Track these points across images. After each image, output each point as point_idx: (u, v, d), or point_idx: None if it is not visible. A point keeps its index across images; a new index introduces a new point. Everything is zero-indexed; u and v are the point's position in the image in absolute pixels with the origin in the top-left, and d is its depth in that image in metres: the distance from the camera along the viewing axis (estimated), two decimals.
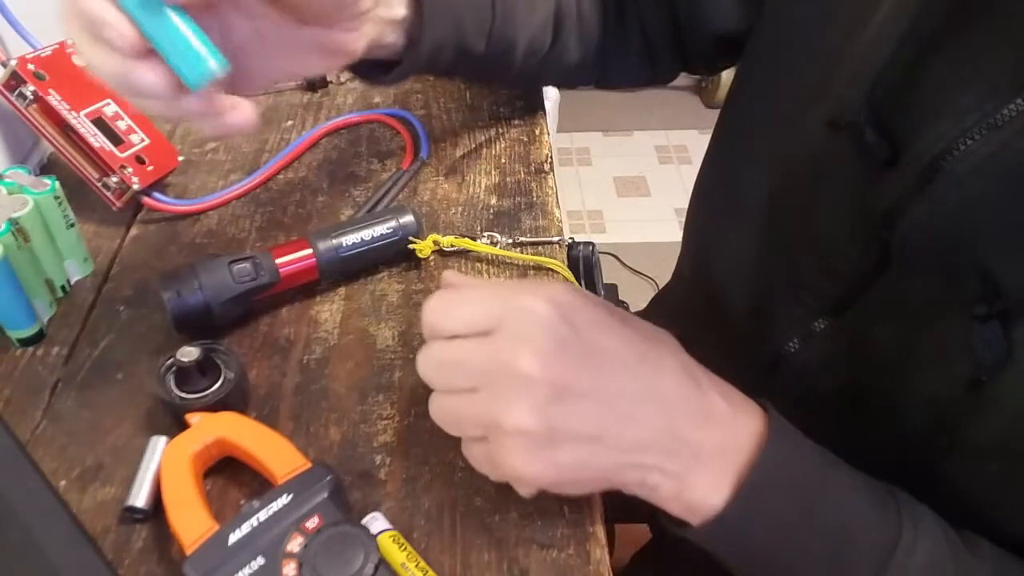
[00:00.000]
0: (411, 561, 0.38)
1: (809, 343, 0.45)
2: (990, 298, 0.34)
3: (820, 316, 0.44)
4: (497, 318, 0.35)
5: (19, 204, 0.47)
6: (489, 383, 0.35)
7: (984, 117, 0.33)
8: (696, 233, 0.62)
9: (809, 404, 0.46)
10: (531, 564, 0.39)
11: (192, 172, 0.62)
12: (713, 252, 0.58)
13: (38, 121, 0.53)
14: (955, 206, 0.35)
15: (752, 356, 0.49)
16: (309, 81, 0.70)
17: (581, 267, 0.57)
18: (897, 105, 0.38)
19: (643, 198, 2.08)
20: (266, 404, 0.46)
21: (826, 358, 0.45)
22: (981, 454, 0.37)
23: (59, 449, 0.44)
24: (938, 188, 0.35)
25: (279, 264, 0.49)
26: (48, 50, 0.55)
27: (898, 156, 0.37)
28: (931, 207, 0.36)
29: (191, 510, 0.38)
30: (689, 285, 0.64)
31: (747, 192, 0.51)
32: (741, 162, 0.53)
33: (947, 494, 0.38)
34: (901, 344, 0.40)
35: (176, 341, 0.45)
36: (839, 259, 0.42)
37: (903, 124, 0.37)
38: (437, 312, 0.37)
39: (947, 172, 0.35)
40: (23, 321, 0.48)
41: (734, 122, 0.56)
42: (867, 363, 0.42)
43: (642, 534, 0.70)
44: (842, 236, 0.42)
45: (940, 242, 0.36)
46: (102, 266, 0.55)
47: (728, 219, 0.54)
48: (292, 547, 0.36)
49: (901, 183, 0.37)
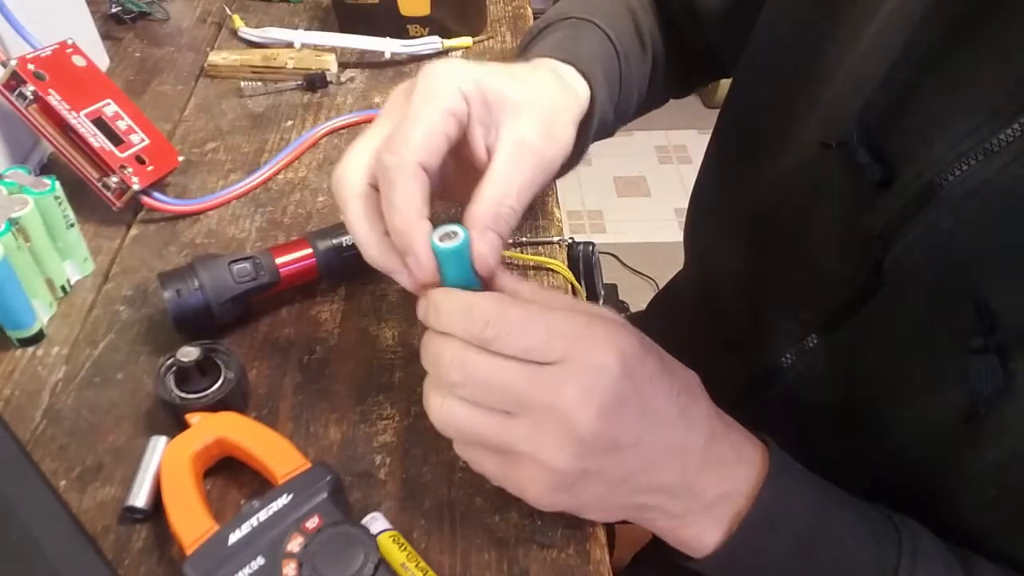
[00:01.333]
0: (411, 561, 0.38)
1: (802, 358, 0.45)
2: (987, 331, 0.34)
3: (812, 332, 0.44)
4: (561, 354, 0.32)
5: (19, 204, 0.47)
6: (534, 416, 0.32)
7: (980, 142, 0.33)
8: (695, 238, 0.62)
9: (804, 418, 0.46)
10: (531, 564, 0.39)
11: (192, 172, 0.62)
12: (711, 259, 0.58)
13: (38, 121, 0.53)
14: (949, 232, 0.35)
15: (749, 365, 0.49)
16: (309, 81, 0.70)
17: (581, 267, 0.57)
18: (890, 126, 0.37)
19: (643, 198, 2.08)
20: (266, 404, 0.46)
21: (819, 374, 0.45)
22: (978, 481, 0.37)
23: (59, 449, 0.44)
24: (932, 213, 0.35)
25: (279, 264, 0.49)
26: (48, 50, 0.55)
27: (892, 178, 0.37)
28: (924, 231, 0.36)
29: (191, 510, 0.38)
30: (692, 287, 0.64)
31: (740, 203, 0.51)
32: (734, 173, 0.53)
33: (944, 515, 0.38)
34: (893, 367, 0.40)
35: (176, 341, 0.45)
36: (831, 276, 0.42)
37: (897, 146, 0.37)
38: (497, 324, 0.32)
39: (941, 197, 0.34)
40: (23, 321, 0.48)
41: (728, 134, 0.56)
42: (859, 383, 0.42)
43: (642, 534, 0.70)
44: (834, 254, 0.42)
45: (934, 267, 0.36)
46: (102, 266, 0.55)
47: (723, 229, 0.54)
48: (292, 547, 0.36)
49: (894, 206, 0.37)
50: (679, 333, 0.60)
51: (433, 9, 0.72)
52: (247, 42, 0.76)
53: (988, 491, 0.36)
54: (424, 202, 0.35)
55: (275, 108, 0.69)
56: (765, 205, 0.48)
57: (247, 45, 0.76)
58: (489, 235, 0.35)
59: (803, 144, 0.44)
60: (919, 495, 0.39)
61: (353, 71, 0.73)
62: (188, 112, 0.68)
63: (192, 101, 0.70)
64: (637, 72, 0.54)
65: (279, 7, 0.81)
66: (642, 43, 0.54)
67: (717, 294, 0.55)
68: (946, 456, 0.37)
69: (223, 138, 0.65)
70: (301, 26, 0.77)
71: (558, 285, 0.54)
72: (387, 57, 0.73)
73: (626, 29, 0.53)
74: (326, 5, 0.80)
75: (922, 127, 0.36)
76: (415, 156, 0.35)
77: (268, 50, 0.73)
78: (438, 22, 0.74)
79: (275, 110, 0.69)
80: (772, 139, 0.47)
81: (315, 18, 0.80)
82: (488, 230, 0.36)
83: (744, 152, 0.51)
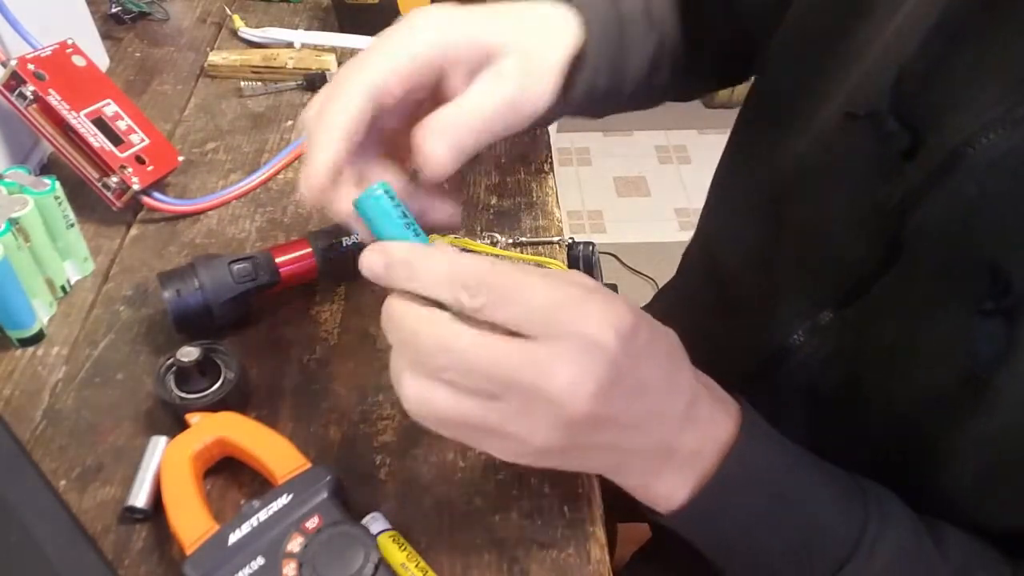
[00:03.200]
0: (411, 561, 0.38)
1: (813, 336, 0.45)
2: (998, 295, 0.34)
3: (825, 308, 0.44)
4: (554, 328, 0.30)
5: (19, 204, 0.47)
6: (522, 399, 0.30)
7: (1007, 112, 0.33)
8: (710, 221, 0.62)
9: (809, 397, 0.46)
10: (531, 564, 0.39)
11: (192, 172, 0.62)
12: (725, 241, 0.57)
13: (38, 121, 0.53)
14: (971, 200, 0.35)
15: (756, 347, 0.49)
16: (309, 81, 0.70)
17: (581, 267, 0.57)
18: (920, 96, 0.38)
19: (643, 198, 2.08)
20: (266, 404, 0.46)
21: (829, 352, 0.45)
22: (975, 449, 0.37)
23: (59, 449, 0.44)
24: (955, 181, 0.35)
25: (279, 264, 0.49)
26: (48, 50, 0.55)
27: (917, 148, 0.37)
28: (946, 200, 0.36)
29: (191, 510, 0.38)
30: (699, 274, 0.64)
31: (759, 182, 0.51)
32: (757, 152, 0.53)
33: (939, 487, 0.38)
34: (903, 339, 0.40)
35: (176, 341, 0.45)
36: (848, 252, 0.42)
37: (924, 116, 0.37)
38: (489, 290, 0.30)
39: (965, 166, 0.35)
40: (23, 321, 0.48)
41: (753, 115, 0.56)
42: (868, 357, 0.42)
43: (643, 533, 0.70)
44: (852, 229, 0.42)
45: (952, 236, 0.36)
46: (102, 266, 0.55)
47: (741, 208, 0.54)
48: (292, 547, 0.36)
49: (917, 175, 0.37)
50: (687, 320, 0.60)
51: None
52: (247, 42, 0.76)
53: (988, 458, 0.37)
54: (354, 118, 0.35)
55: (275, 108, 0.69)
56: (784, 182, 0.48)
57: (247, 45, 0.76)
58: (436, 138, 0.35)
59: (826, 120, 0.44)
60: (917, 465, 0.39)
61: None
62: (188, 112, 0.68)
63: (192, 101, 0.70)
64: (638, 44, 0.53)
65: (279, 7, 0.81)
66: (650, 20, 0.54)
67: (728, 277, 0.55)
68: (949, 424, 0.38)
69: (223, 138, 0.65)
70: (301, 26, 0.77)
71: None
72: None
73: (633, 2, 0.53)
74: (326, 5, 0.80)
75: (950, 97, 0.36)
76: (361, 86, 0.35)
77: (268, 50, 0.73)
78: None
79: (275, 110, 0.69)
80: (798, 118, 0.47)
81: (315, 18, 0.80)
82: (436, 134, 0.35)
83: (768, 132, 0.51)
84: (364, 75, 0.36)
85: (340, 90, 0.36)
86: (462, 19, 0.38)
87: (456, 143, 0.36)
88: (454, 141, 0.36)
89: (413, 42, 0.37)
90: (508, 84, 0.38)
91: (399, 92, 0.37)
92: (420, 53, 0.37)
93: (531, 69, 0.40)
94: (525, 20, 0.42)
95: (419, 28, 0.37)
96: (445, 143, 0.36)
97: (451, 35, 0.37)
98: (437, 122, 0.36)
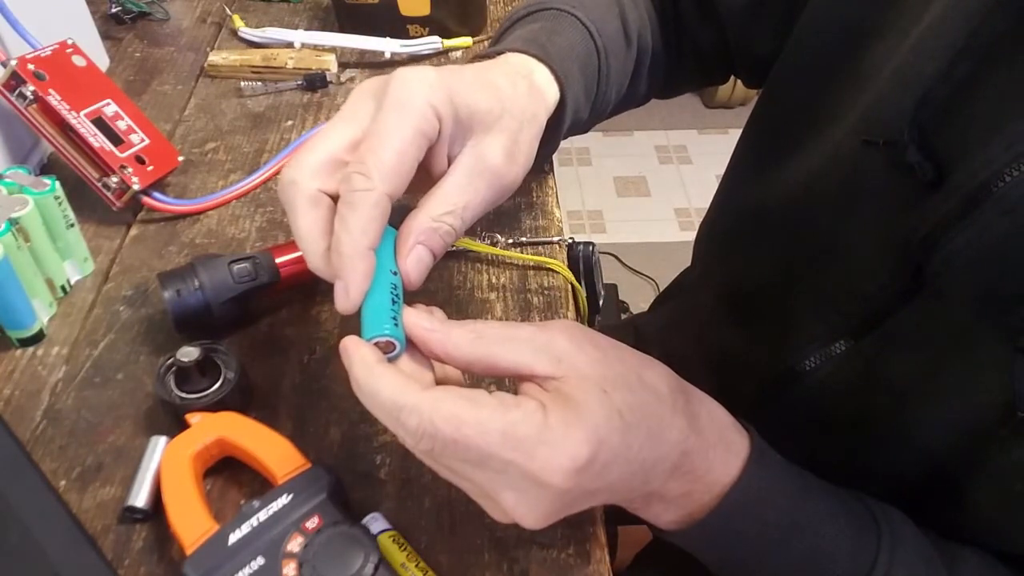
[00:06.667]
0: (411, 561, 0.38)
1: (827, 363, 0.44)
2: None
3: (841, 338, 0.43)
4: (503, 470, 0.30)
5: (19, 204, 0.47)
6: (492, 482, 0.31)
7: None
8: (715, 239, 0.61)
9: (819, 422, 0.45)
10: (531, 564, 0.39)
11: (192, 172, 0.62)
12: (738, 258, 0.56)
13: (38, 121, 0.53)
14: (1002, 235, 0.33)
15: (769, 367, 0.48)
16: (309, 81, 0.70)
17: (581, 267, 0.57)
18: (944, 124, 0.36)
19: (643, 198, 2.08)
20: (266, 404, 0.46)
21: (842, 381, 0.44)
22: (1004, 478, 0.36)
23: (59, 449, 0.44)
24: (984, 216, 0.33)
25: (279, 264, 0.49)
26: (48, 50, 0.55)
27: (942, 179, 0.35)
28: (975, 235, 0.34)
29: (191, 510, 0.38)
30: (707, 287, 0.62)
31: (773, 203, 0.50)
32: (765, 172, 0.51)
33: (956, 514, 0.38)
34: (922, 373, 0.39)
35: (176, 341, 0.45)
36: (867, 281, 0.40)
37: (949, 145, 0.35)
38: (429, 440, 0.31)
39: (995, 199, 0.33)
40: (23, 321, 0.48)
41: (760, 132, 0.55)
42: (885, 388, 0.41)
43: (644, 535, 0.70)
44: (872, 257, 0.40)
45: (982, 271, 0.34)
46: (102, 266, 0.55)
47: (750, 229, 0.53)
48: (292, 547, 0.36)
49: (943, 208, 0.35)
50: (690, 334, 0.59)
51: (433, 9, 0.72)
52: (247, 42, 0.76)
53: (1014, 487, 0.36)
54: (378, 235, 0.34)
55: (275, 108, 0.69)
56: (797, 205, 0.47)
57: (247, 45, 0.76)
58: (419, 250, 0.35)
59: (840, 143, 0.42)
60: (934, 492, 0.39)
61: (353, 71, 0.73)
62: (188, 112, 0.68)
63: (192, 101, 0.70)
64: (618, 69, 0.53)
65: (279, 7, 0.81)
66: (627, 39, 0.53)
67: (743, 295, 0.54)
68: (975, 457, 0.37)
69: (223, 138, 0.65)
70: (301, 26, 0.77)
71: (558, 285, 0.54)
72: (387, 57, 0.73)
73: (611, 24, 0.52)
74: (326, 5, 0.80)
75: (978, 126, 0.34)
76: (385, 186, 0.34)
77: (268, 50, 0.73)
78: (438, 22, 0.74)
79: (275, 110, 0.69)
80: (808, 138, 0.46)
81: (315, 18, 0.80)
82: (419, 245, 0.35)
83: (778, 151, 0.50)
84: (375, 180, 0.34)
85: (351, 207, 0.34)
86: (452, 86, 0.37)
87: (440, 251, 0.37)
88: (439, 250, 0.37)
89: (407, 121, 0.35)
90: (491, 172, 0.38)
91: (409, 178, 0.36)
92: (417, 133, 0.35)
93: (515, 151, 0.39)
94: (515, 87, 0.41)
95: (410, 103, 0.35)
96: (427, 261, 0.36)
97: (443, 109, 0.36)
98: (419, 232, 0.36)
